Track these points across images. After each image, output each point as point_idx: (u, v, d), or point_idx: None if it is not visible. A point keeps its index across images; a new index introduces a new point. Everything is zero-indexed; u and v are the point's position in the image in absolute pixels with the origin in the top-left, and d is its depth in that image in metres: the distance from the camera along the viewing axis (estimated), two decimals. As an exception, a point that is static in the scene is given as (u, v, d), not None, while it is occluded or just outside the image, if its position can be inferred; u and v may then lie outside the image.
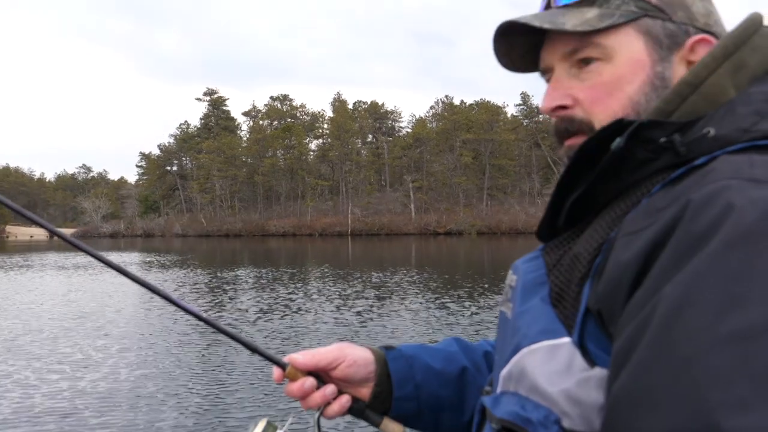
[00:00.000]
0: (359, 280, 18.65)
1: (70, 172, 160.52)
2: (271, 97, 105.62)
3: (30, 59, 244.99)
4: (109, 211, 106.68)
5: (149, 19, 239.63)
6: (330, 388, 0.99)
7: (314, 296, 15.01)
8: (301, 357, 0.99)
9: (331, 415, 1.01)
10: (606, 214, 0.70)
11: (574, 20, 0.77)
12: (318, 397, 0.99)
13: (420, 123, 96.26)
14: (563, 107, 0.80)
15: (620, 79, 0.77)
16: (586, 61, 0.79)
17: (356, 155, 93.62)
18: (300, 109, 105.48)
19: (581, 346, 0.66)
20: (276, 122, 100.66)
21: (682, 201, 0.58)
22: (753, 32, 0.72)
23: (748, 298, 0.48)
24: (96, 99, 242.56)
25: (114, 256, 33.95)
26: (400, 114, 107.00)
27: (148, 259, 32.60)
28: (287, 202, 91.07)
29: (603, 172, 0.70)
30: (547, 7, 0.83)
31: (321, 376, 1.01)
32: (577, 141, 0.79)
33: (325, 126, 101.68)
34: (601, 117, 0.77)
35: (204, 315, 1.00)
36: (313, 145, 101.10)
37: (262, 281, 18.93)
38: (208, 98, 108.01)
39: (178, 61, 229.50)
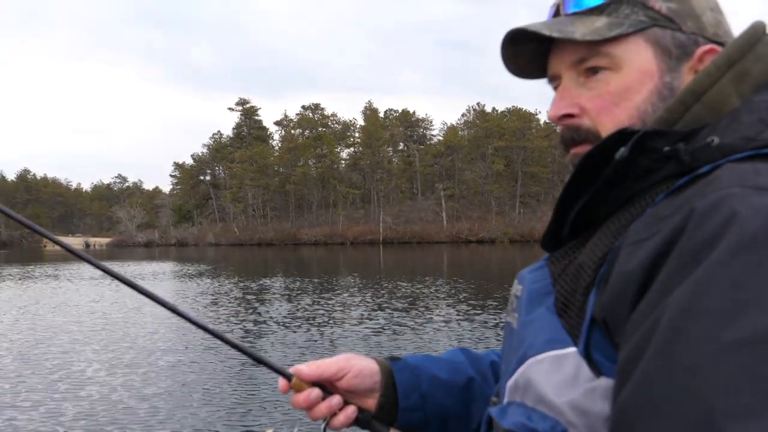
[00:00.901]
0: (390, 289, 18.64)
1: (106, 182, 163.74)
2: (303, 107, 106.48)
3: (66, 71, 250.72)
4: (143, 220, 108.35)
5: (182, 32, 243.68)
6: (336, 399, 1.00)
7: (345, 306, 15.04)
8: (306, 368, 1.00)
9: (337, 426, 1.01)
10: (610, 223, 0.70)
11: (583, 29, 0.77)
12: (324, 407, 0.99)
13: (451, 131, 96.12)
14: (570, 116, 0.80)
15: (628, 89, 0.77)
16: (593, 70, 0.79)
17: (387, 163, 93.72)
18: (331, 118, 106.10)
19: (587, 355, 0.66)
20: (307, 131, 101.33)
21: (686, 209, 0.58)
22: (756, 41, 0.72)
23: (752, 305, 0.49)
24: (131, 110, 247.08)
25: (148, 266, 34.48)
26: (431, 122, 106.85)
27: (182, 268, 33.00)
28: (319, 211, 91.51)
29: (607, 181, 0.70)
30: (556, 14, 0.83)
31: (326, 386, 1.01)
32: (582, 150, 0.79)
33: (357, 135, 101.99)
34: (608, 126, 0.77)
35: (210, 326, 1.00)
36: (345, 153, 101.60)
37: (294, 291, 19.03)
38: (240, 108, 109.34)
39: (210, 72, 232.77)
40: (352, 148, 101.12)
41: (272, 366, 1.00)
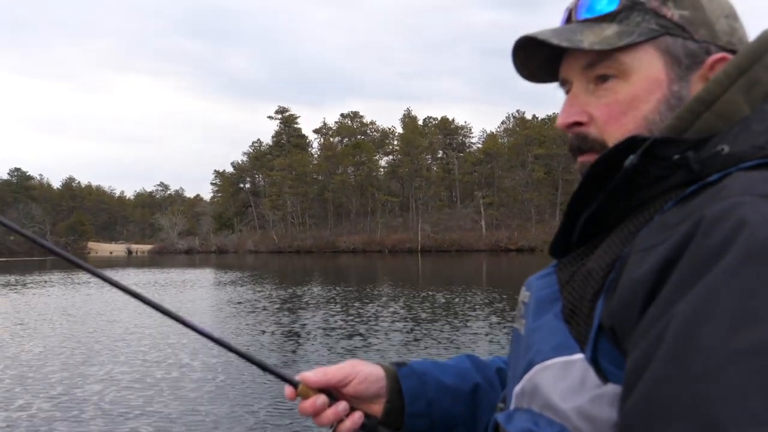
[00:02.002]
0: (428, 298, 18.57)
1: (149, 190, 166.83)
2: (342, 115, 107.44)
3: (108, 81, 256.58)
4: (184, 227, 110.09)
5: (222, 42, 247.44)
6: (342, 405, 1.00)
7: (381, 315, 15.02)
8: (312, 375, 1.01)
9: (344, 431, 1.01)
10: (619, 230, 0.71)
11: (591, 38, 0.77)
12: (330, 414, 1.00)
13: (491, 138, 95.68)
14: (578, 123, 0.81)
15: (636, 98, 0.77)
16: (603, 78, 0.79)
17: (426, 171, 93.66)
18: (370, 126, 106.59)
19: (594, 362, 0.66)
20: (346, 139, 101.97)
21: (695, 217, 0.58)
22: (766, 50, 0.72)
23: (761, 314, 0.49)
24: (173, 119, 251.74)
25: (189, 273, 34.95)
26: (470, 129, 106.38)
27: (222, 276, 33.42)
28: (357, 219, 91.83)
29: (616, 189, 0.71)
30: (569, 20, 0.83)
31: (333, 393, 1.02)
32: (589, 158, 0.80)
33: (395, 142, 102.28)
34: (616, 135, 0.77)
35: (215, 335, 1.00)
36: (383, 161, 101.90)
37: (332, 299, 19.09)
38: (279, 116, 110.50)
39: (250, 81, 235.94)
40: (390, 156, 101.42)
41: (278, 373, 1.01)
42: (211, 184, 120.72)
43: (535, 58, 0.86)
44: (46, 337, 12.44)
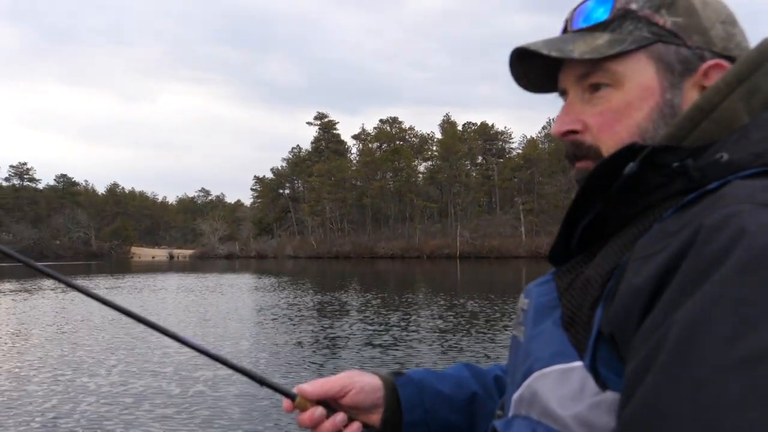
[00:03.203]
0: (467, 306, 18.45)
1: (191, 195, 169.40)
2: (381, 120, 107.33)
3: (148, 89, 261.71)
4: (225, 233, 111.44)
5: (261, 49, 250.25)
6: (340, 416, 1.01)
7: (421, 322, 14.97)
8: (309, 387, 1.01)
9: None
10: (618, 238, 0.71)
11: (582, 47, 0.78)
12: (329, 425, 1.00)
13: (531, 144, 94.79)
14: (573, 132, 0.81)
15: (629, 106, 0.77)
16: (596, 87, 0.79)
17: (465, 177, 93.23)
18: (409, 132, 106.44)
19: (593, 369, 0.66)
20: (385, 145, 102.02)
21: (694, 225, 0.58)
22: (767, 57, 0.72)
23: (761, 322, 0.49)
24: (213, 125, 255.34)
25: (229, 278, 35.34)
26: (510, 135, 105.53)
27: (261, 281, 33.72)
28: (395, 225, 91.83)
29: (615, 196, 0.71)
30: (565, 31, 0.84)
31: (331, 404, 1.02)
32: (585, 165, 0.81)
33: (434, 148, 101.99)
34: (609, 143, 0.78)
35: (210, 350, 1.00)
36: (422, 167, 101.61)
37: (370, 305, 19.12)
38: (318, 122, 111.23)
39: (289, 88, 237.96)
40: (429, 162, 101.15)
41: (275, 386, 1.01)
42: (251, 189, 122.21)
43: (534, 68, 0.86)
44: (83, 339, 12.68)
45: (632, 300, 0.60)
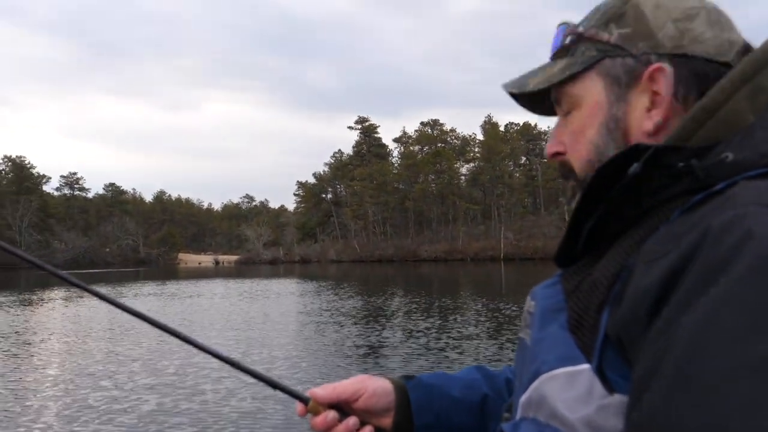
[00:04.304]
0: (513, 310, 18.27)
1: (235, 201, 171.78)
2: (422, 123, 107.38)
3: (196, 98, 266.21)
4: (269, 238, 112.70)
5: (301, 55, 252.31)
6: (352, 420, 1.03)
7: (467, 328, 14.88)
8: (321, 391, 1.04)
9: None
10: (624, 240, 0.71)
11: (539, 78, 0.85)
12: (341, 429, 1.02)
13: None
14: (559, 153, 0.86)
15: (584, 125, 0.81)
16: (568, 111, 0.84)
17: (508, 178, 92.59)
18: (450, 134, 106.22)
19: (600, 372, 0.66)
20: (426, 147, 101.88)
21: (701, 228, 0.58)
22: None
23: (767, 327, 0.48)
24: (257, 132, 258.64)
25: (274, 284, 35.65)
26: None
27: (306, 285, 33.97)
28: (438, 227, 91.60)
29: (619, 197, 0.71)
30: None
31: (343, 408, 1.04)
32: (572, 183, 0.84)
33: (476, 149, 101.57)
34: (576, 163, 0.82)
35: (223, 354, 1.03)
36: (464, 169, 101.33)
37: (415, 309, 19.07)
38: (359, 126, 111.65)
39: (330, 93, 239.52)
40: (471, 163, 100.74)
41: (289, 390, 1.04)
42: (294, 194, 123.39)
43: (538, 98, 0.90)
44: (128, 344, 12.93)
45: (639, 303, 0.60)
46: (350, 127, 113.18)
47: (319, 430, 1.02)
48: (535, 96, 0.88)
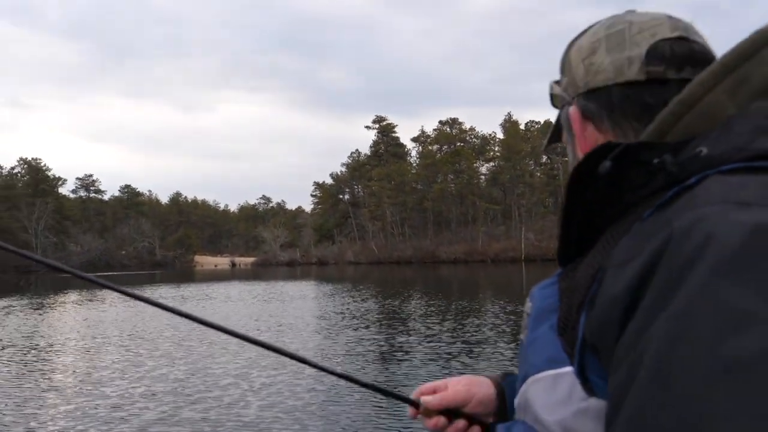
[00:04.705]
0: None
1: (252, 203, 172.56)
2: (440, 122, 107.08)
3: (210, 99, 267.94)
4: (286, 239, 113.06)
5: (316, 55, 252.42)
6: (461, 423, 1.13)
7: (484, 331, 14.86)
8: (432, 399, 1.14)
9: None
10: (603, 239, 0.72)
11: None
12: (451, 431, 1.14)
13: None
14: None
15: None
16: None
17: (529, 177, 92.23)
18: (469, 133, 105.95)
19: (581, 375, 0.67)
20: (445, 147, 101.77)
21: (666, 230, 0.58)
22: (762, 45, 0.67)
23: (737, 328, 0.49)
24: (273, 133, 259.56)
25: (290, 286, 35.78)
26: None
27: (323, 288, 34.06)
28: (458, 228, 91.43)
29: (592, 195, 0.72)
30: None
31: (452, 410, 1.15)
32: None
33: (496, 148, 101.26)
34: None
35: (338, 370, 1.18)
36: (484, 168, 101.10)
37: (434, 312, 19.08)
38: (377, 126, 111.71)
39: (346, 92, 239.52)
40: (491, 163, 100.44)
41: (401, 397, 1.15)
42: (311, 195, 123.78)
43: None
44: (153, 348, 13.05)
45: (609, 311, 0.61)
46: (368, 127, 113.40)
47: (431, 430, 1.14)
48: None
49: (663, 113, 0.72)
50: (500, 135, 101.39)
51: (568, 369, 0.67)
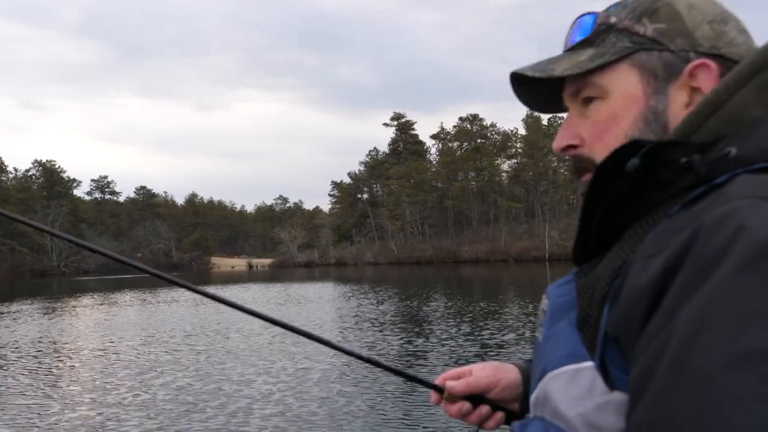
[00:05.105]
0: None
1: (268, 203, 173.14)
2: (460, 118, 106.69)
3: (225, 98, 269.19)
4: (304, 240, 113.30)
5: (332, 51, 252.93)
6: (485, 409, 1.14)
7: (512, 333, 14.74)
8: (456, 384, 1.14)
9: (488, 429, 1.17)
10: (627, 236, 0.72)
11: (565, 65, 0.85)
12: (475, 417, 1.15)
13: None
14: (572, 146, 0.87)
15: (615, 116, 0.82)
16: (588, 100, 0.85)
17: (552, 174, 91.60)
18: (490, 129, 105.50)
19: (602, 369, 0.68)
20: (466, 144, 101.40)
21: (695, 224, 0.60)
22: None
23: (763, 317, 0.50)
24: (289, 131, 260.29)
25: (309, 288, 35.81)
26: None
27: (342, 289, 34.05)
28: (479, 227, 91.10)
29: (622, 193, 0.72)
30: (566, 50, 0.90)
31: (476, 397, 1.15)
32: (589, 177, 0.84)
33: (518, 145, 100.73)
34: (601, 154, 0.80)
35: (365, 354, 1.21)
36: (506, 165, 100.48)
37: (455, 313, 18.97)
38: (395, 123, 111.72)
39: (363, 89, 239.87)
40: (513, 160, 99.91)
41: (424, 381, 1.15)
42: (329, 195, 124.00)
43: (540, 90, 0.93)
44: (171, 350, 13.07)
45: (635, 303, 0.62)
46: (386, 124, 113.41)
47: (454, 417, 1.13)
48: (542, 86, 0.90)
49: (690, 113, 0.73)
50: (522, 131, 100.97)
51: (588, 364, 0.69)
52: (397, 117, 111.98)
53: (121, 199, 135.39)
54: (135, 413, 8.19)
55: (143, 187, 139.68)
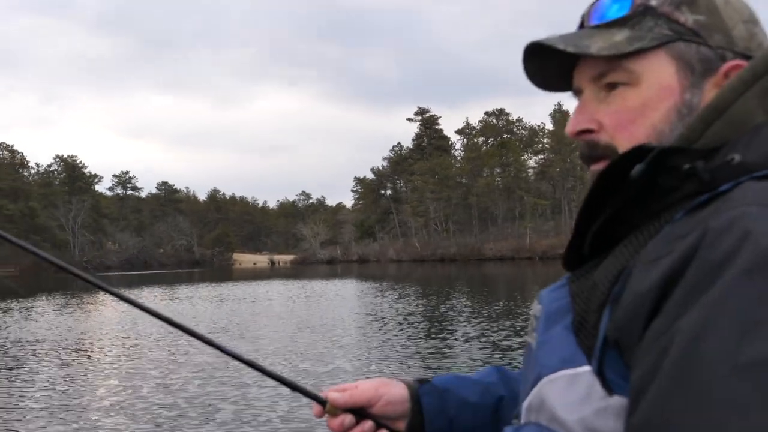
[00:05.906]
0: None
1: (291, 199, 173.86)
2: (486, 113, 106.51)
3: (247, 92, 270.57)
4: (326, 236, 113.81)
5: (356, 44, 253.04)
6: (368, 425, 1.09)
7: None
8: (339, 397, 1.09)
9: None
10: (628, 241, 0.72)
11: (600, 43, 0.79)
12: None
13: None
14: (588, 131, 0.83)
15: (645, 106, 0.78)
16: (613, 85, 0.80)
17: (580, 170, 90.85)
18: (517, 124, 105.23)
19: (600, 374, 0.68)
20: (491, 139, 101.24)
21: (700, 229, 0.60)
22: None
23: (763, 326, 0.51)
24: (311, 126, 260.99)
25: (332, 285, 36.00)
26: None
27: (365, 286, 34.27)
28: (504, 224, 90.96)
29: (624, 199, 0.72)
30: (582, 26, 0.85)
31: (360, 411, 1.10)
32: (601, 166, 0.81)
33: (545, 140, 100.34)
34: (624, 144, 0.78)
35: (245, 356, 1.12)
36: (532, 161, 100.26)
37: (478, 312, 19.06)
38: (419, 118, 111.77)
39: (387, 83, 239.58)
40: (540, 155, 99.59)
41: (307, 392, 1.10)
42: (352, 191, 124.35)
43: (549, 65, 0.87)
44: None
45: (637, 306, 0.62)
46: (410, 119, 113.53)
47: (336, 431, 1.09)
48: (554, 60, 0.84)
49: (693, 119, 0.72)
50: (549, 126, 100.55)
51: (585, 368, 0.70)
52: (421, 112, 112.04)
53: (143, 194, 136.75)
54: (165, 400, 8.44)
55: (165, 183, 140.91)
